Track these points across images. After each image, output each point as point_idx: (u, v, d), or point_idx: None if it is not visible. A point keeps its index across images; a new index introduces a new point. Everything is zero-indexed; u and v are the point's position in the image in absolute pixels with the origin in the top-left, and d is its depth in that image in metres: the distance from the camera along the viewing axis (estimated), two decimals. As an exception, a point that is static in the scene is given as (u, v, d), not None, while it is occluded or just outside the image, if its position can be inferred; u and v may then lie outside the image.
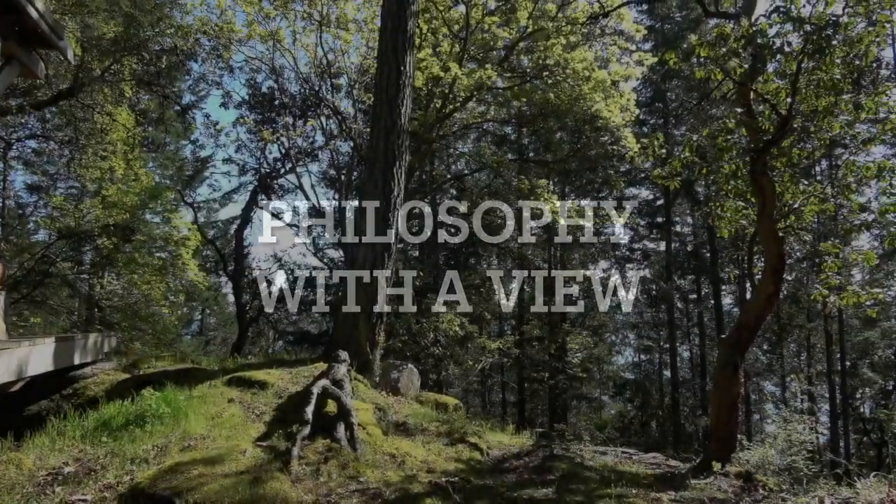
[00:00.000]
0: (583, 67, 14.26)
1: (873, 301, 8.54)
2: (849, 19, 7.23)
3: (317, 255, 26.33)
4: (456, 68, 13.95)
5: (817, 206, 8.24)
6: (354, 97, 19.07)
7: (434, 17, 15.83)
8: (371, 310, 8.88)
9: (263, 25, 17.62)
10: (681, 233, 29.52)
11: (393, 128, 8.88)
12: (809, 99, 7.67)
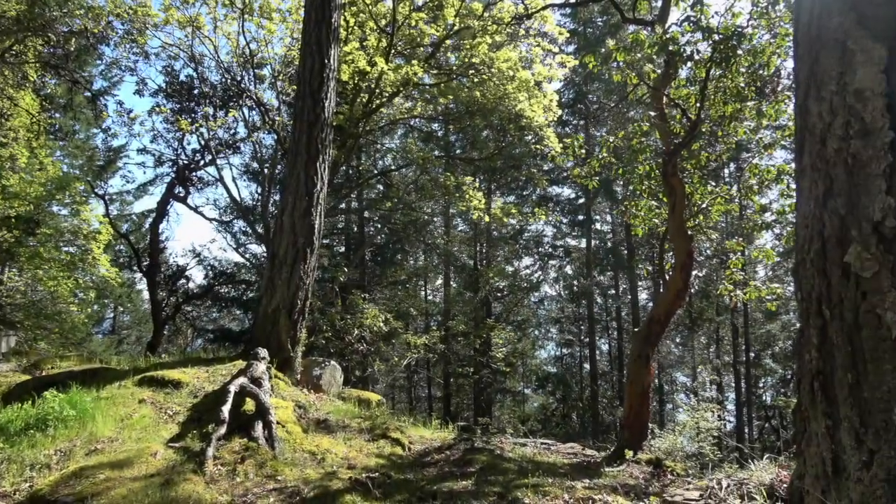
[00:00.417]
0: (507, 67, 14.49)
1: (773, 296, 9.15)
2: (752, 31, 7.69)
3: (238, 250, 25.56)
4: (382, 63, 13.86)
5: (723, 207, 8.73)
6: (278, 89, 18.61)
7: (361, 11, 15.65)
8: (293, 306, 8.71)
9: (182, 11, 16.90)
10: (600, 230, 30.56)
11: (316, 121, 8.74)
12: (717, 105, 8.11)
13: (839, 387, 2.78)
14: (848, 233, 2.78)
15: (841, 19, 3.07)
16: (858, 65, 2.92)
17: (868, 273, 2.66)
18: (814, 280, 2.97)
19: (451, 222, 29.54)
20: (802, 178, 3.23)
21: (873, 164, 2.75)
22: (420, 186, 21.73)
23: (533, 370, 30.35)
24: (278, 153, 20.44)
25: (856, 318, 2.71)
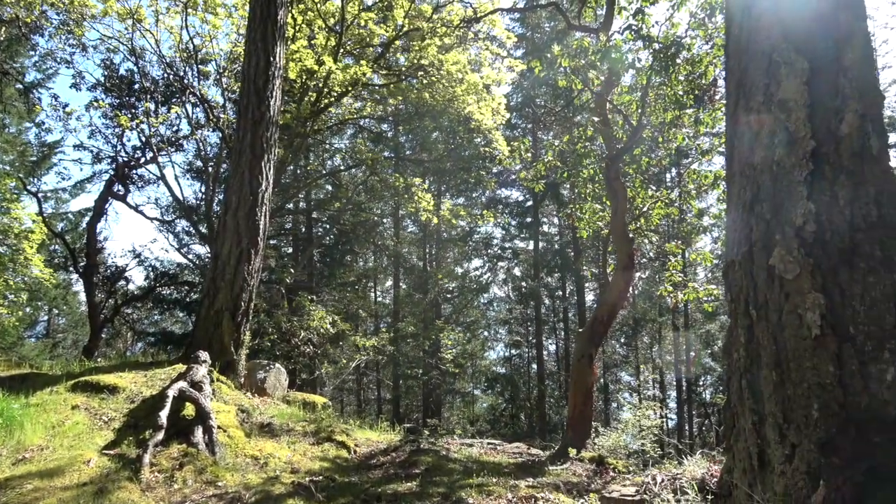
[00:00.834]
0: (456, 69, 14.56)
1: (710, 297, 9.48)
2: (691, 41, 7.96)
3: (181, 250, 24.81)
4: (330, 62, 13.73)
5: (664, 210, 9.00)
6: (224, 85, 18.18)
7: (309, 9, 15.45)
8: (236, 308, 8.52)
9: (122, 2, 16.31)
10: (547, 232, 31.02)
11: (261, 120, 8.57)
12: (658, 112, 8.36)
13: (765, 384, 2.90)
14: (773, 237, 2.91)
15: (768, 33, 3.22)
16: (783, 77, 3.06)
17: (791, 275, 2.79)
18: (742, 282, 3.09)
19: (401, 223, 29.48)
20: (732, 184, 3.36)
21: (796, 171, 2.88)
22: (369, 187, 21.59)
23: (482, 371, 30.56)
24: (223, 151, 19.96)
25: (780, 319, 2.83)
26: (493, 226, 29.61)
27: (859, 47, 3.04)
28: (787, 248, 2.82)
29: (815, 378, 2.66)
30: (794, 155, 2.92)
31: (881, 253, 2.69)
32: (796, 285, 2.77)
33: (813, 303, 2.70)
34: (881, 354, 2.59)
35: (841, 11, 3.06)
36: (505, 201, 30.34)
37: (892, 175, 2.85)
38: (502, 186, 28.99)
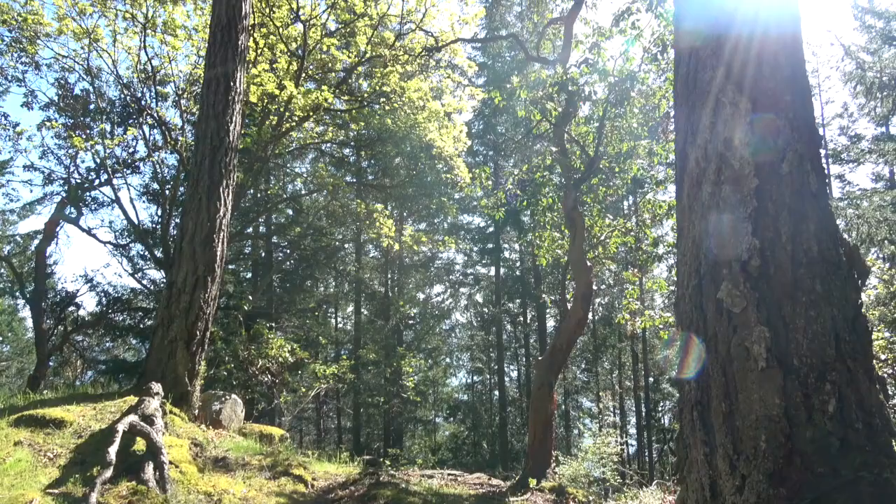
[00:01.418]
0: (418, 97, 14.69)
1: (666, 324, 9.66)
2: (644, 75, 8.21)
3: (135, 275, 24.15)
4: (291, 87, 13.70)
5: (620, 239, 9.18)
6: (183, 107, 17.93)
7: (271, 33, 15.44)
8: (191, 337, 8.31)
9: (78, 22, 16.02)
10: (509, 258, 31.26)
11: (220, 145, 8.48)
12: (614, 142, 8.56)
13: (715, 415, 2.96)
14: (720, 271, 2.99)
15: (713, 73, 3.35)
16: (728, 116, 3.18)
17: (738, 309, 2.87)
18: (692, 314, 3.17)
19: (363, 249, 29.33)
20: (682, 218, 3.46)
21: (741, 208, 2.99)
22: (331, 212, 21.46)
23: (444, 399, 30.37)
24: (181, 174, 19.63)
25: (728, 351, 2.90)
26: (454, 252, 29.71)
27: (799, 90, 3.19)
28: (734, 282, 2.90)
29: (762, 410, 2.72)
30: (738, 192, 3.02)
31: (821, 288, 2.80)
32: (743, 318, 2.85)
33: (759, 336, 2.78)
34: (823, 386, 2.67)
35: (782, 56, 3.22)
36: (467, 227, 30.52)
37: (831, 213, 2.98)
38: (464, 212, 29.19)
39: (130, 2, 14.89)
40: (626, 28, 7.95)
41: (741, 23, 3.39)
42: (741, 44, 3.34)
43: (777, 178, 2.95)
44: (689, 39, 3.75)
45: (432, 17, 14.51)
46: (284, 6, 14.92)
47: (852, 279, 2.95)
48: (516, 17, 26.46)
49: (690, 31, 3.78)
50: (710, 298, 3.03)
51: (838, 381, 2.68)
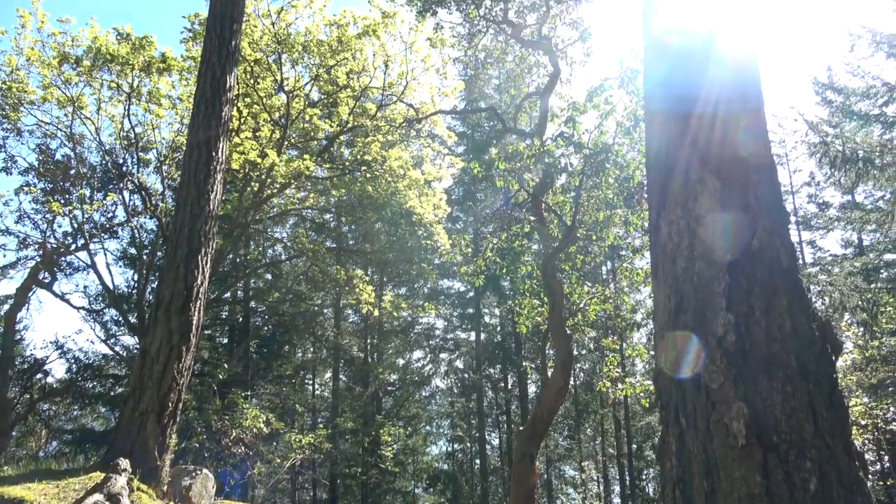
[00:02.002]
0: (399, 166, 14.97)
1: (647, 392, 9.61)
2: (618, 147, 8.47)
3: (108, 341, 23.57)
4: (274, 156, 13.89)
5: (599, 306, 9.23)
6: (164, 173, 18.03)
7: (255, 103, 15.77)
8: (163, 409, 8.05)
9: (63, 90, 16.25)
10: (489, 324, 31.15)
11: (200, 213, 8.48)
12: (590, 212, 8.74)
13: (697, 493, 2.91)
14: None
15: (682, 151, 3.47)
16: (699, 193, 3.28)
17: (715, 384, 2.88)
18: (671, 390, 3.16)
19: (342, 313, 29.06)
20: (658, 292, 3.50)
21: (715, 283, 3.04)
22: (310, 277, 21.37)
23: (423, 468, 29.50)
24: (159, 239, 19.53)
25: (708, 428, 2.89)
26: (434, 317, 29.57)
27: (765, 168, 3.31)
28: (711, 357, 2.92)
29: (744, 488, 2.69)
30: (712, 267, 3.08)
31: (797, 363, 2.82)
32: (721, 394, 2.85)
33: (738, 412, 2.77)
34: (804, 463, 2.66)
35: (748, 135, 3.36)
36: (447, 292, 30.49)
37: (802, 288, 3.04)
38: (444, 277, 29.22)
39: (116, 72, 15.17)
40: (600, 103, 8.25)
41: (706, 101, 3.55)
42: (707, 122, 3.49)
43: (748, 254, 3.02)
44: (658, 118, 3.91)
45: (413, 90, 14.97)
46: (269, 78, 15.31)
47: (826, 354, 2.99)
48: (494, 89, 27.39)
49: (659, 110, 3.95)
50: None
51: (818, 459, 2.67)
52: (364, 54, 15.00)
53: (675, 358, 3.15)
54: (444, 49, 15.07)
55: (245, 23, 12.45)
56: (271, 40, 14.54)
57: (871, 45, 14.69)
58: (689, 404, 3.02)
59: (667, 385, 3.21)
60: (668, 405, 3.20)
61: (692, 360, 3.02)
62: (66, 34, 15.61)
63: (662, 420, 3.28)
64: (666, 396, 3.21)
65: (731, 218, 3.12)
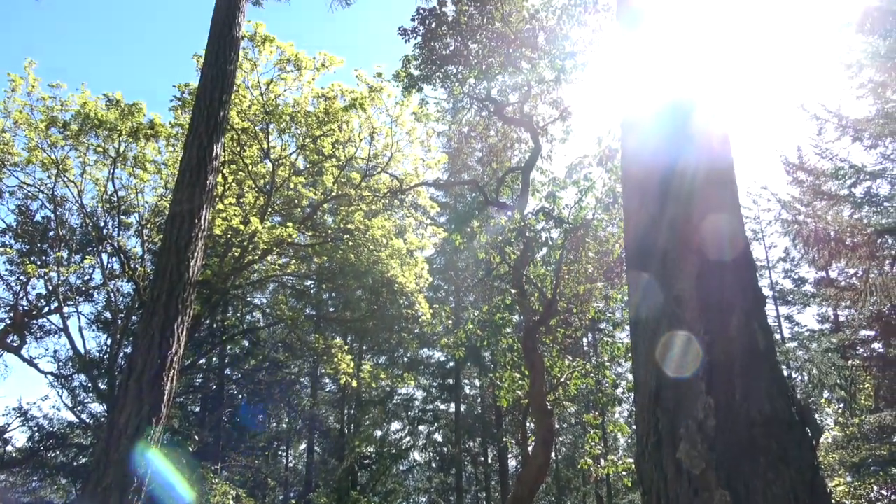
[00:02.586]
0: (381, 235, 15.06)
1: (629, 471, 9.41)
2: (597, 223, 8.63)
3: (74, 409, 22.74)
4: (256, 223, 13.92)
5: (580, 381, 9.15)
6: (144, 237, 17.95)
7: (240, 170, 15.93)
8: (126, 486, 7.68)
9: (49, 153, 16.33)
10: (469, 395, 30.63)
11: (179, 280, 8.38)
12: (571, 285, 8.80)
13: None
14: (678, 430, 2.97)
15: (661, 233, 3.54)
16: (677, 274, 3.33)
17: (697, 470, 2.83)
18: (653, 475, 3.10)
19: (319, 382, 28.47)
20: (638, 372, 3.48)
21: (694, 365, 3.04)
22: (288, 345, 21.04)
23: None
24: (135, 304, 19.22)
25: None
26: (414, 388, 29.05)
27: (741, 250, 3.38)
28: (692, 442, 2.88)
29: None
30: (691, 349, 3.09)
31: (777, 448, 2.80)
32: (703, 481, 2.80)
33: (720, 500, 2.72)
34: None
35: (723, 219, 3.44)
36: (427, 362, 30.08)
37: (780, 371, 3.06)
38: (424, 346, 28.90)
39: (104, 137, 15.32)
40: (580, 179, 8.46)
41: (682, 180, 3.65)
42: (683, 202, 3.58)
43: (727, 337, 3.04)
44: (635, 197, 4.01)
45: (398, 161, 15.27)
46: (255, 146, 15.55)
47: (807, 438, 2.97)
48: (477, 161, 28.02)
49: (636, 188, 4.05)
50: (670, 458, 2.99)
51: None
52: (350, 126, 15.35)
53: (657, 440, 3.10)
54: (429, 123, 15.49)
55: (234, 93, 12.75)
56: (259, 110, 14.85)
57: (836, 129, 15.38)
58: (671, 491, 2.96)
59: (648, 469, 3.15)
60: (650, 490, 3.13)
61: (673, 444, 2.97)
62: (55, 99, 15.82)
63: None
64: (647, 481, 3.14)
65: (710, 299, 3.16)
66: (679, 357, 3.12)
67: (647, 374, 3.32)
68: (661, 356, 3.22)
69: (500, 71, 11.32)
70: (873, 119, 13.93)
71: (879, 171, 14.77)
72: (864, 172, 14.64)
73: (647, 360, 3.35)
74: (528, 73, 10.91)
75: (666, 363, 3.18)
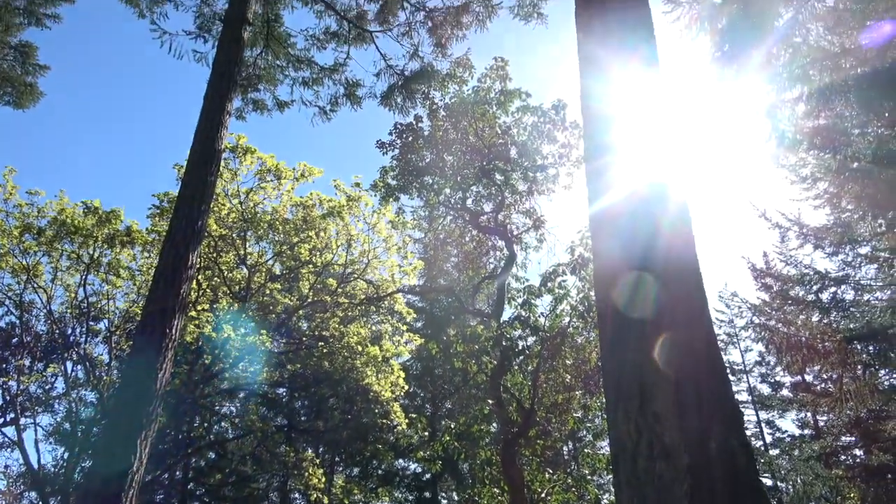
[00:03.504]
0: (357, 342, 14.88)
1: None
2: (574, 330, 8.65)
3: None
4: (229, 330, 13.71)
5: (561, 495, 8.81)
6: (113, 343, 17.47)
7: (216, 276, 15.87)
8: None
9: (20, 258, 16.15)
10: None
11: (145, 393, 8.08)
12: (549, 394, 8.68)
13: None
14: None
15: (636, 352, 3.55)
16: (655, 393, 3.31)
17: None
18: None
19: (289, 498, 26.92)
20: (620, 492, 3.37)
21: (676, 485, 2.96)
22: (257, 458, 20.09)
23: None
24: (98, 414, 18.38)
25: None
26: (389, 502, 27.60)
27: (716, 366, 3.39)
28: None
29: None
30: (672, 468, 3.02)
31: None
32: None
33: None
34: None
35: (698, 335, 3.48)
36: (402, 474, 28.77)
37: (763, 488, 2.99)
38: (400, 457, 27.76)
39: (79, 243, 15.27)
40: (554, 287, 8.57)
41: (647, 291, 3.70)
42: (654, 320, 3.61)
43: (707, 456, 2.99)
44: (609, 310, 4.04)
45: (374, 268, 15.37)
46: (232, 252, 15.59)
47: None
48: (453, 266, 28.32)
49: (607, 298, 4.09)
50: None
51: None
52: (328, 233, 15.56)
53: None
54: (406, 230, 15.78)
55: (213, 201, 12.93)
56: (238, 218, 15.03)
57: (798, 237, 15.99)
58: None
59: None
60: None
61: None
62: (33, 206, 15.87)
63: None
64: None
65: (688, 417, 3.13)
66: (660, 476, 3.04)
67: (629, 493, 3.21)
68: (642, 475, 3.14)
69: (474, 182, 11.73)
70: (831, 228, 14.55)
71: (843, 278, 15.22)
72: (829, 279, 15.08)
73: (628, 478, 3.25)
74: (501, 185, 11.31)
75: (647, 483, 3.09)
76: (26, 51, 13.57)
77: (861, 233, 13.95)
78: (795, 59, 8.80)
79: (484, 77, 12.47)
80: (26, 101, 13.94)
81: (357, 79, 11.65)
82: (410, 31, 11.58)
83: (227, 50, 9.01)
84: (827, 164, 11.13)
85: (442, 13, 11.37)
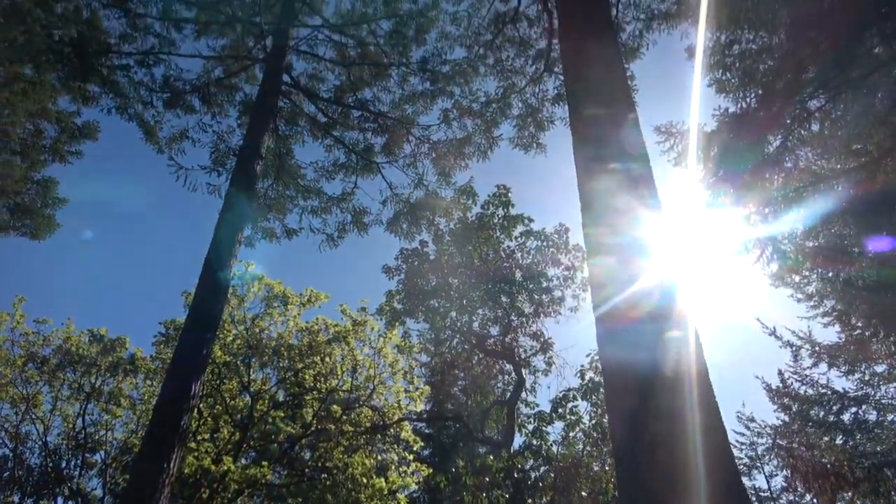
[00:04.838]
0: (361, 473, 14.22)
1: None
2: (588, 459, 8.29)
3: None
4: (229, 463, 13.18)
5: None
6: (108, 477, 16.78)
7: (218, 403, 15.50)
8: None
9: (21, 388, 15.93)
10: None
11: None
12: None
13: None
14: None
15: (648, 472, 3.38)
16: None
17: None
18: None
19: None
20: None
21: None
22: None
23: None
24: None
25: None
26: None
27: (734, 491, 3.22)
28: None
29: None
30: None
31: None
32: None
33: None
34: None
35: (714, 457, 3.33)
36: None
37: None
38: None
39: (81, 372, 15.13)
40: (566, 413, 8.32)
41: (657, 409, 3.56)
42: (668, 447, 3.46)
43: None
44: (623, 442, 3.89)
45: (380, 393, 15.03)
46: (235, 379, 15.35)
47: None
48: (461, 390, 27.66)
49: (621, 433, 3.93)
50: None
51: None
52: (333, 358, 15.37)
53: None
54: (412, 354, 15.58)
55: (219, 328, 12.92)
56: (243, 344, 14.94)
57: (812, 356, 15.70)
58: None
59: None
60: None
61: None
62: (39, 334, 15.89)
63: None
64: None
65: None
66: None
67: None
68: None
69: (480, 305, 11.74)
70: (844, 345, 14.31)
71: (862, 397, 14.77)
72: (848, 398, 14.63)
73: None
74: (507, 307, 11.32)
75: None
76: (48, 185, 14.20)
77: (875, 349, 13.70)
78: (789, 182, 9.09)
79: (487, 203, 12.89)
80: (43, 233, 14.40)
81: (364, 206, 12.05)
82: (415, 161, 12.14)
83: (240, 183, 9.38)
84: (832, 282, 11.16)
85: (445, 145, 11.96)
